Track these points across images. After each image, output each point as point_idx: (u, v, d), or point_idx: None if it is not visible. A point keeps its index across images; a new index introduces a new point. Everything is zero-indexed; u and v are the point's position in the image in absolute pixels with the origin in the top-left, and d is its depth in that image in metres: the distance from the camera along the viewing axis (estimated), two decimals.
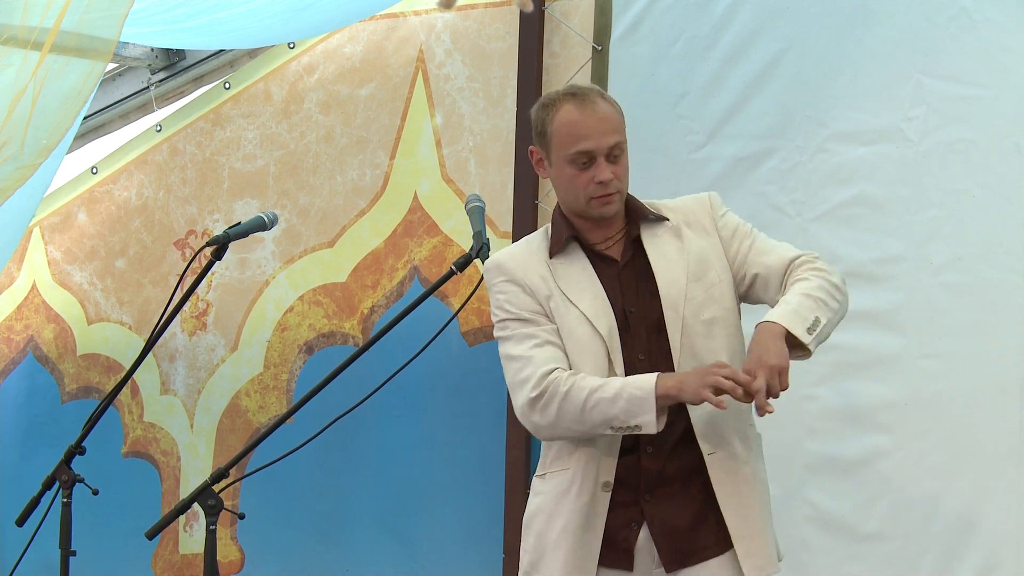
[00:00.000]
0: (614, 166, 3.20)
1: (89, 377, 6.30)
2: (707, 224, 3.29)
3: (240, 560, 5.90)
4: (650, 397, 3.04)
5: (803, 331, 3.06)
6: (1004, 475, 4.25)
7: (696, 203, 3.34)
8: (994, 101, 4.31)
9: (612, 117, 3.22)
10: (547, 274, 3.24)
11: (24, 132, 4.16)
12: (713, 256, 3.26)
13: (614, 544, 3.20)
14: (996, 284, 4.29)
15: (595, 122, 3.21)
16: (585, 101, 3.23)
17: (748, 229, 3.30)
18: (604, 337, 3.18)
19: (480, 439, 5.44)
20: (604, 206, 3.22)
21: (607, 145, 3.19)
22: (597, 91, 3.28)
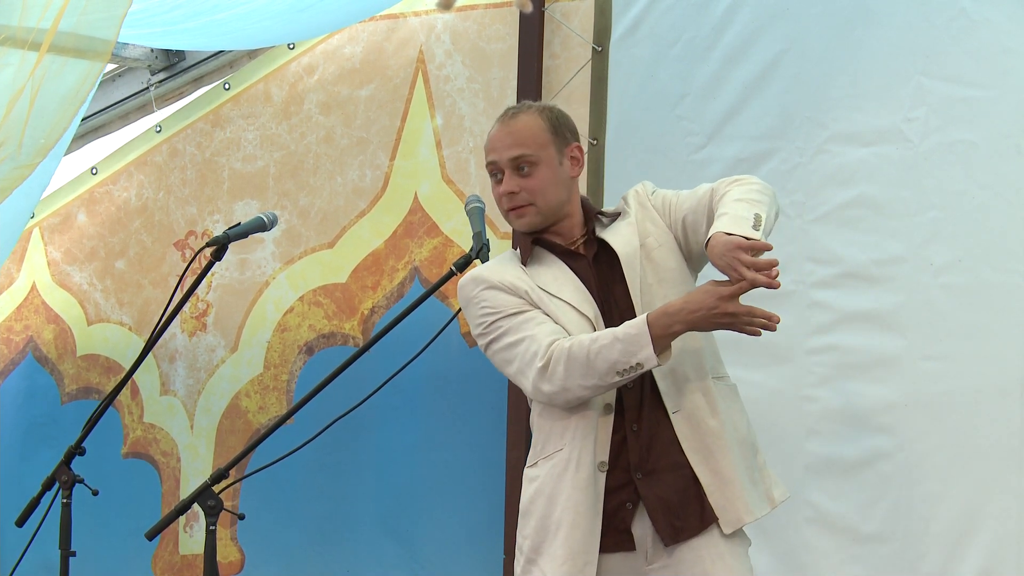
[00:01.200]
0: (524, 179, 3.27)
1: (89, 378, 6.30)
2: (644, 203, 3.36)
3: (240, 561, 5.90)
4: (644, 331, 3.09)
5: (749, 228, 3.09)
6: (1005, 476, 4.25)
7: (636, 194, 3.41)
8: (994, 102, 4.30)
9: (524, 131, 3.28)
10: (525, 277, 3.30)
11: (22, 132, 4.15)
12: (651, 225, 3.32)
13: (614, 525, 3.23)
14: (996, 285, 4.29)
15: (503, 135, 3.30)
16: (505, 116, 3.34)
17: (676, 193, 3.37)
18: (591, 320, 3.24)
19: (480, 440, 5.44)
20: (516, 219, 3.31)
21: (507, 157, 3.27)
22: (529, 107, 3.35)
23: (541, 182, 3.27)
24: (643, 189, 3.42)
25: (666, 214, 3.35)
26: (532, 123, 3.30)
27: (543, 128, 3.29)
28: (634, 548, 3.25)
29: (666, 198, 3.37)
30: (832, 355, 4.51)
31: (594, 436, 3.23)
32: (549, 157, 3.28)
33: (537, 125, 3.29)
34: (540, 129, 3.29)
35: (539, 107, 3.35)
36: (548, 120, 3.31)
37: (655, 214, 3.36)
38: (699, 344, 3.28)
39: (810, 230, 4.54)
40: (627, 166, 5.00)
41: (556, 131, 3.31)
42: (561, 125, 3.33)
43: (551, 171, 3.29)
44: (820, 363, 4.52)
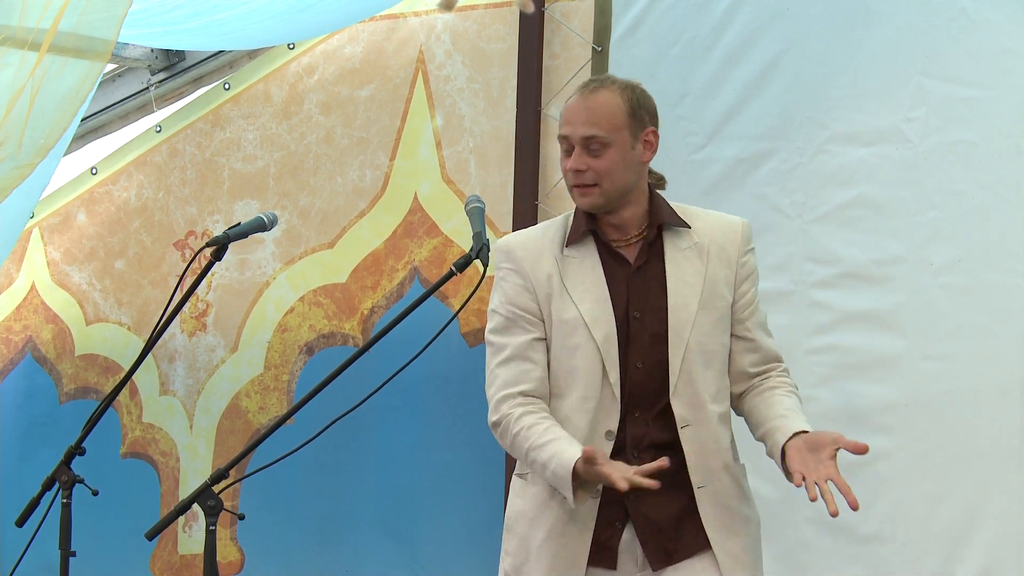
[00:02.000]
0: (593, 159, 3.16)
1: (87, 378, 6.30)
2: (732, 254, 3.24)
3: (240, 561, 5.90)
4: (567, 479, 3.02)
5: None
6: (1004, 476, 4.25)
7: (729, 229, 3.26)
8: (994, 102, 4.31)
9: (600, 109, 3.17)
10: (554, 271, 3.22)
11: (22, 132, 4.15)
12: (726, 289, 3.22)
13: (598, 542, 3.18)
14: (996, 285, 4.29)
15: (579, 110, 3.19)
16: (586, 89, 3.21)
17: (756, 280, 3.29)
18: (599, 345, 3.16)
19: (480, 440, 5.43)
20: (579, 196, 3.21)
21: (580, 135, 3.16)
22: (612, 83, 3.21)
23: (610, 164, 3.16)
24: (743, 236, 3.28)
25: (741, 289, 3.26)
26: (611, 102, 3.17)
27: (621, 109, 3.16)
28: (615, 567, 3.20)
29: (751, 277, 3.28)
30: (832, 355, 4.51)
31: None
32: (622, 140, 3.16)
33: (615, 105, 3.17)
34: (618, 110, 3.16)
35: (622, 85, 3.21)
36: (628, 101, 3.18)
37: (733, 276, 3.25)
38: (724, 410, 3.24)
39: (810, 230, 4.54)
40: None
41: (634, 113, 3.18)
42: (640, 107, 3.19)
43: (622, 154, 3.17)
44: (820, 363, 4.52)
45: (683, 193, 4.81)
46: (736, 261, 3.23)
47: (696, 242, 3.22)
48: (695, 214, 3.28)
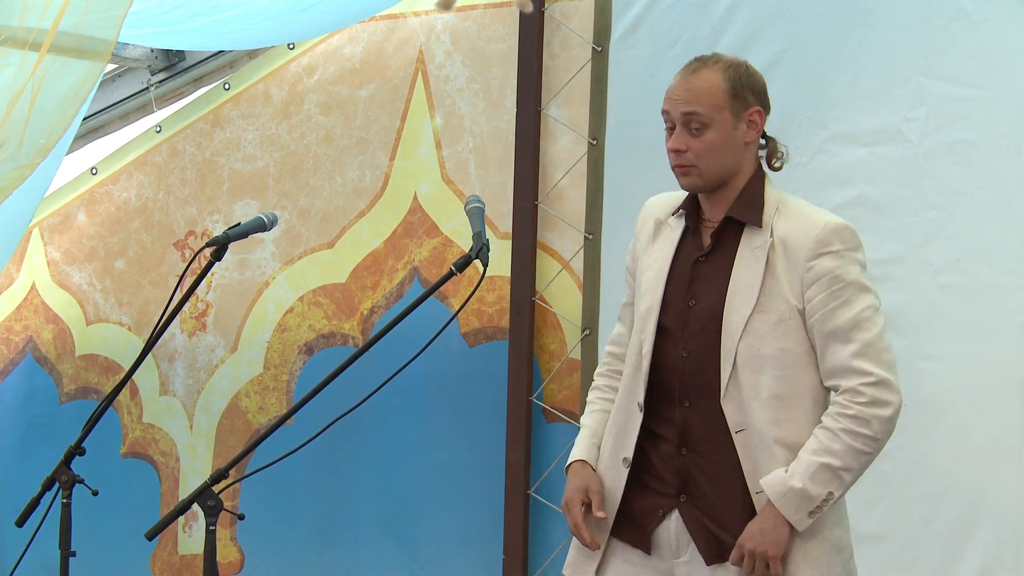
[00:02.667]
0: (693, 139, 3.14)
1: (88, 378, 6.30)
2: (800, 257, 3.13)
3: (240, 561, 5.90)
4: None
5: (803, 516, 3.06)
6: (1004, 476, 4.26)
7: (807, 230, 3.14)
8: (994, 102, 4.31)
9: (701, 88, 3.13)
10: (655, 230, 3.30)
11: (22, 132, 4.15)
12: (789, 293, 3.13)
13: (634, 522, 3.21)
14: (996, 285, 4.29)
15: (680, 88, 3.17)
16: (688, 67, 3.19)
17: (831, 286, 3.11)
18: (642, 315, 3.23)
19: (480, 440, 5.44)
20: (680, 177, 3.20)
21: (679, 112, 3.15)
22: (716, 61, 3.18)
23: (709, 145, 3.14)
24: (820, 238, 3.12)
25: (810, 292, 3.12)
26: (712, 81, 3.13)
27: (722, 88, 3.13)
28: (649, 552, 3.22)
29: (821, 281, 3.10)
30: None
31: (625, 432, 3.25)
32: (723, 120, 3.13)
33: (716, 84, 3.13)
34: (719, 89, 3.13)
35: (726, 63, 3.17)
36: (730, 80, 3.14)
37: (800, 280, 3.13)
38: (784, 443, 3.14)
39: None
40: (627, 166, 5.00)
41: (736, 93, 3.14)
42: (743, 86, 3.15)
43: (722, 135, 3.14)
44: None
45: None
46: (803, 264, 3.12)
47: (766, 241, 3.16)
48: (789, 209, 3.19)
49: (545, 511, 5.23)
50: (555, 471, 5.20)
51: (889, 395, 3.11)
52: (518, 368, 5.29)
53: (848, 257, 3.12)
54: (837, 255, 3.12)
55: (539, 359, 5.32)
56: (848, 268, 3.12)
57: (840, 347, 3.10)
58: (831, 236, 3.13)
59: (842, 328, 3.10)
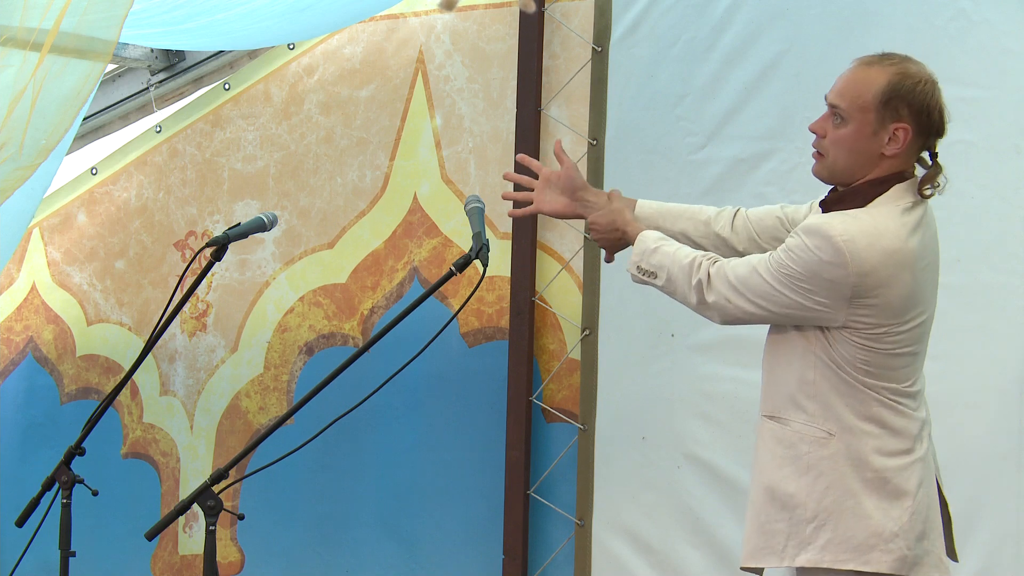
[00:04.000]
0: (833, 129, 3.17)
1: (88, 378, 6.30)
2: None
3: (240, 561, 5.90)
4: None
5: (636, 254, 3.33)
6: (1004, 476, 4.26)
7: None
8: (993, 103, 4.31)
9: (857, 83, 3.15)
10: None
11: (23, 133, 4.15)
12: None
13: None
14: (995, 286, 4.29)
15: (843, 77, 3.20)
16: (862, 60, 3.20)
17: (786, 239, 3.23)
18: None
19: (480, 440, 5.44)
20: (815, 158, 3.27)
21: (829, 99, 3.18)
22: (890, 62, 3.17)
23: (840, 140, 3.16)
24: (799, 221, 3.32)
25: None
26: (871, 80, 3.13)
27: (878, 91, 3.12)
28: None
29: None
30: None
31: None
32: (864, 121, 3.14)
33: (874, 85, 3.12)
34: (872, 90, 3.13)
35: (898, 69, 3.15)
36: (890, 86, 3.12)
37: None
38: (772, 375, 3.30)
39: None
40: (627, 166, 5.00)
41: (889, 101, 3.13)
42: (900, 99, 3.14)
43: (857, 135, 3.15)
44: None
45: (683, 193, 4.83)
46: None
47: None
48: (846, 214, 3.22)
49: (545, 511, 5.23)
50: (555, 471, 5.20)
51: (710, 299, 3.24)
52: (518, 368, 5.29)
53: (806, 247, 3.14)
54: (797, 238, 3.16)
55: (539, 359, 5.32)
56: (796, 251, 3.14)
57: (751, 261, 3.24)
58: (806, 226, 3.18)
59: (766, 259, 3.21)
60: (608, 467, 5.02)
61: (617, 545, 4.99)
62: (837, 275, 3.12)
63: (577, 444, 5.11)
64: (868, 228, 3.15)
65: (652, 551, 4.92)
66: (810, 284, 3.14)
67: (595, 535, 5.03)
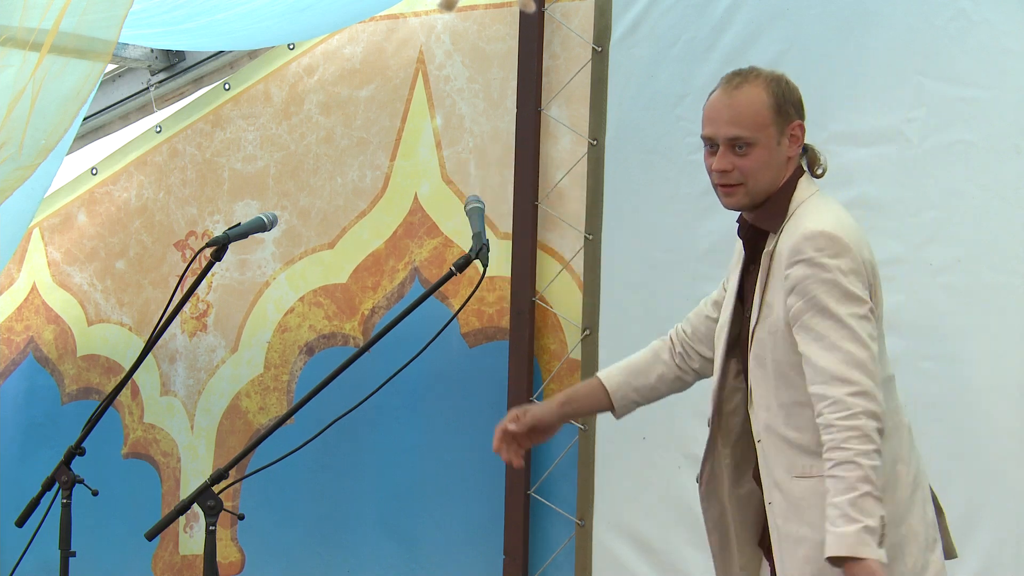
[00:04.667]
0: (739, 158, 3.10)
1: (89, 378, 6.30)
2: (783, 265, 3.11)
3: (240, 561, 5.90)
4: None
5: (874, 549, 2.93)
6: (1004, 476, 4.26)
7: (793, 237, 3.10)
8: (993, 103, 4.31)
9: (745, 108, 3.09)
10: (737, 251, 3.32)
11: (23, 133, 4.15)
12: (778, 301, 3.12)
13: None
14: (996, 286, 4.29)
15: (723, 107, 3.12)
16: (730, 84, 3.15)
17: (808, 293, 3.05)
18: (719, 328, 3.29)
19: (481, 440, 5.42)
20: (724, 196, 3.16)
21: (725, 136, 3.10)
22: (756, 76, 3.14)
23: (755, 163, 3.10)
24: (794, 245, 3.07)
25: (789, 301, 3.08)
26: (755, 99, 3.10)
27: (766, 105, 3.10)
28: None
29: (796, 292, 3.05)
30: None
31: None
32: (768, 138, 3.10)
33: (760, 102, 3.10)
34: (763, 106, 3.10)
35: (766, 78, 3.14)
36: (773, 95, 3.11)
37: (782, 287, 3.10)
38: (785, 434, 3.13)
39: None
40: (627, 166, 5.00)
41: (780, 108, 3.12)
42: (786, 101, 3.13)
43: (768, 153, 3.11)
44: None
45: (683, 193, 4.83)
46: (783, 272, 3.10)
47: (769, 249, 3.16)
48: (801, 213, 3.15)
49: (545, 511, 5.23)
50: (555, 471, 5.20)
51: (870, 406, 3.00)
52: (518, 368, 5.29)
53: (820, 262, 3.04)
54: (806, 263, 3.05)
55: (539, 359, 5.32)
56: (819, 275, 3.03)
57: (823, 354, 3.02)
58: (804, 244, 3.06)
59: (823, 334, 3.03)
60: (609, 467, 5.02)
61: (617, 545, 4.99)
62: (855, 266, 3.06)
63: (578, 444, 5.10)
64: (829, 216, 3.12)
65: (653, 551, 4.92)
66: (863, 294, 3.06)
67: (595, 535, 5.03)
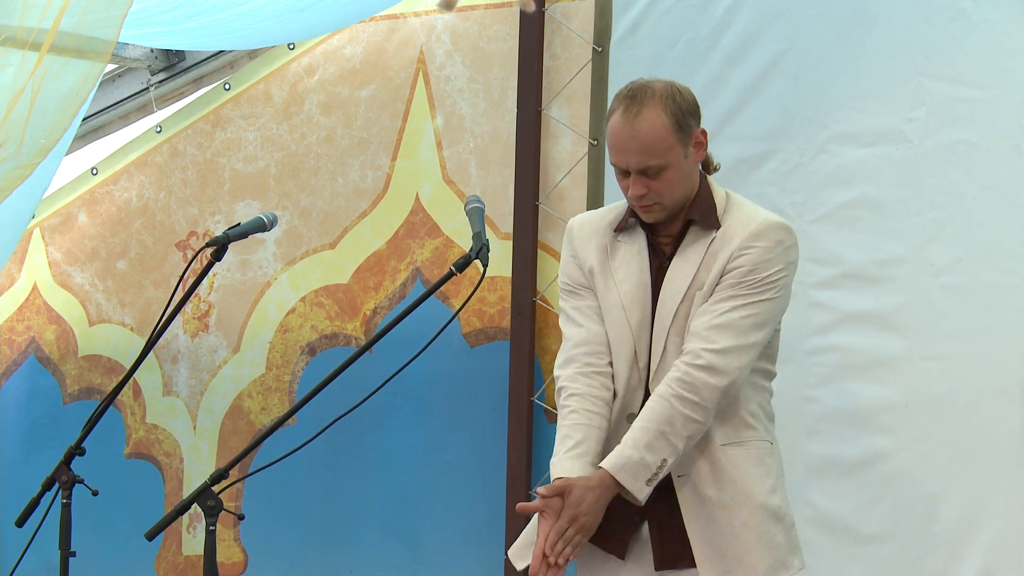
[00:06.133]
0: (652, 181, 3.16)
1: (91, 378, 6.31)
2: (733, 247, 3.19)
3: (243, 561, 5.91)
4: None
5: (642, 484, 3.07)
6: (1005, 477, 4.26)
7: (746, 224, 3.20)
8: (994, 103, 4.31)
9: (649, 136, 3.13)
10: (603, 251, 3.28)
11: (22, 132, 4.15)
12: (710, 281, 3.19)
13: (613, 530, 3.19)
14: (996, 286, 4.29)
15: (627, 138, 3.16)
16: (628, 112, 3.17)
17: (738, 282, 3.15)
18: (632, 329, 3.21)
19: (482, 440, 5.44)
20: (644, 213, 3.22)
21: (635, 165, 3.16)
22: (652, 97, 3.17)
23: (669, 184, 3.16)
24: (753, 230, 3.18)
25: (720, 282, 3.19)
26: (657, 124, 3.13)
27: (668, 128, 3.14)
28: (624, 558, 3.23)
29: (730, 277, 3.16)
30: (832, 356, 4.51)
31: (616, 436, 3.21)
32: (676, 157, 3.15)
33: (662, 124, 3.13)
34: (665, 130, 3.13)
35: (661, 97, 3.16)
36: (672, 115, 3.15)
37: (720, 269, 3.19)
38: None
39: (810, 231, 4.54)
40: None
41: (680, 126, 3.16)
42: (684, 114, 3.18)
43: (678, 170, 3.16)
44: (820, 363, 4.52)
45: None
46: (733, 252, 3.18)
47: (712, 237, 3.21)
48: (735, 207, 3.25)
49: None
50: None
51: (721, 365, 3.12)
52: (519, 368, 5.29)
53: (776, 254, 3.17)
54: (764, 250, 3.17)
55: (540, 359, 5.32)
56: (771, 264, 3.16)
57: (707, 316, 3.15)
58: (766, 231, 3.18)
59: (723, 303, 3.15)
60: None
61: None
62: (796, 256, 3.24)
63: None
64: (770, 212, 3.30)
65: None
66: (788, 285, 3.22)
67: None
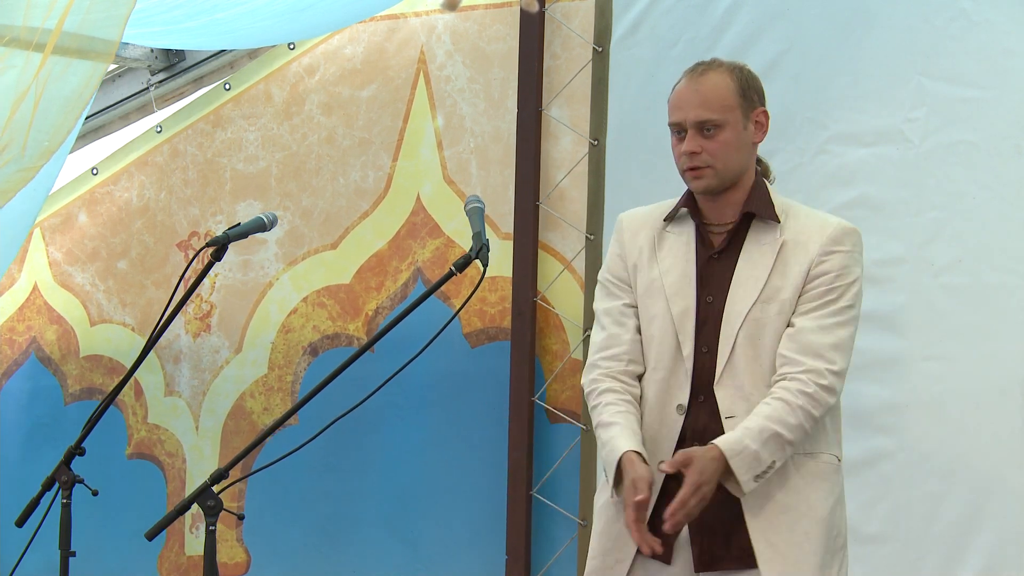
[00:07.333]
0: (707, 141, 3.16)
1: (92, 378, 6.31)
2: (812, 251, 3.18)
3: (246, 561, 5.91)
4: (613, 466, 3.11)
5: (750, 478, 3.06)
6: (1005, 477, 4.26)
7: (820, 228, 3.21)
8: (994, 103, 4.31)
9: (712, 91, 3.17)
10: (649, 242, 3.27)
11: (26, 134, 4.16)
12: (792, 285, 3.16)
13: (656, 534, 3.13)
14: (997, 286, 4.29)
15: (689, 94, 3.19)
16: (694, 73, 3.22)
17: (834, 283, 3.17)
18: (675, 317, 3.19)
19: (483, 441, 5.44)
20: (693, 179, 3.21)
21: (693, 119, 3.17)
22: (720, 64, 3.22)
23: (724, 146, 3.17)
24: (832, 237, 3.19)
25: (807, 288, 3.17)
26: (721, 83, 3.18)
27: (732, 89, 3.18)
28: (670, 563, 3.18)
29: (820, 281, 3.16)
30: None
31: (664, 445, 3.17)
32: (735, 120, 3.17)
33: (726, 86, 3.18)
34: (728, 90, 3.18)
35: (729, 66, 3.22)
36: (737, 81, 3.19)
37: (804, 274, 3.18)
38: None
39: None
40: (628, 167, 5.00)
41: (744, 93, 3.19)
42: (750, 87, 3.21)
43: (735, 135, 3.18)
44: None
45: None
46: (813, 259, 3.17)
47: (779, 238, 3.20)
48: (795, 211, 3.25)
49: (548, 511, 5.23)
50: (557, 472, 5.20)
51: (838, 387, 3.21)
52: (520, 368, 5.29)
53: (855, 258, 3.21)
54: (847, 255, 3.19)
55: (541, 359, 5.32)
56: (853, 269, 3.20)
57: (820, 333, 3.14)
58: (843, 236, 3.21)
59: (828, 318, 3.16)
60: None
61: None
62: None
63: (580, 444, 5.11)
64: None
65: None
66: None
67: None
